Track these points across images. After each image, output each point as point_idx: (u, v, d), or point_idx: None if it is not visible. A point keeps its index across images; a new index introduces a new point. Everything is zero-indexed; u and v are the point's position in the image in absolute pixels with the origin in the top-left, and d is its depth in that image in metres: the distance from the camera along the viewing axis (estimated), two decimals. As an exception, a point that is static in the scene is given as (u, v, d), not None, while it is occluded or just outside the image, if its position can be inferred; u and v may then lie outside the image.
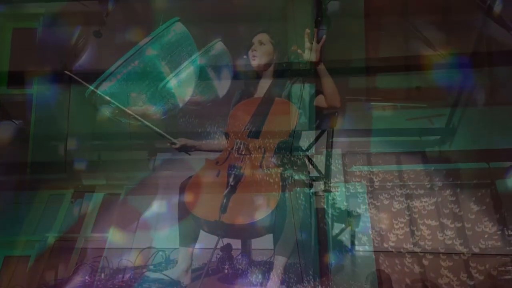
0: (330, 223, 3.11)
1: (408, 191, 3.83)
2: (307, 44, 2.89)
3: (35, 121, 4.31)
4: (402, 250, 3.52)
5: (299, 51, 2.94)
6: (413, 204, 3.77)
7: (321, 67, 2.89)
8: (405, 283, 3.20)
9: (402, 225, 3.68)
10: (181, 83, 3.14)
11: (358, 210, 3.74)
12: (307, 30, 2.91)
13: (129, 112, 3.01)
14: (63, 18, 4.17)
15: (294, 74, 3.11)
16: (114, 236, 3.88)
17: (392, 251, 3.52)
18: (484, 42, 3.94)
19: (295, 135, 2.95)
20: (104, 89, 2.99)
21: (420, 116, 4.23)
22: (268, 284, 2.71)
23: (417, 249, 3.52)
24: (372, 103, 4.24)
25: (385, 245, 3.64)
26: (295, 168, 2.88)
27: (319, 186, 3.07)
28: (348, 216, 3.59)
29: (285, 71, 3.15)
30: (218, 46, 3.31)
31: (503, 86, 4.00)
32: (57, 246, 3.85)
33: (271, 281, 2.69)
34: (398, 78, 4.24)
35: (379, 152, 4.17)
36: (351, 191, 3.87)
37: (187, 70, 3.15)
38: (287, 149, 2.90)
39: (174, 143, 3.09)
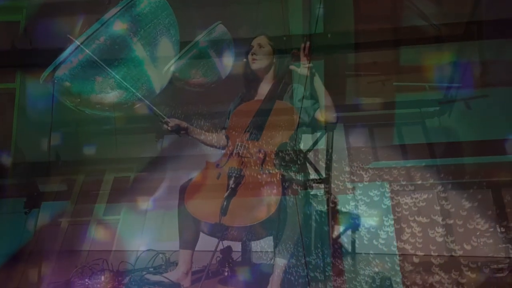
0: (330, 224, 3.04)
1: (398, 187, 3.76)
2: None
3: (18, 116, 4.12)
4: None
5: (291, 67, 2.94)
6: (403, 200, 3.69)
7: (317, 80, 2.88)
8: (395, 281, 3.13)
9: (392, 222, 3.62)
10: (159, 64, 2.80)
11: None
12: (303, 45, 2.89)
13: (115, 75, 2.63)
14: (50, 9, 3.98)
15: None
16: (126, 218, 3.85)
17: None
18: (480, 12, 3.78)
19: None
20: (63, 72, 2.54)
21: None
22: (268, 286, 2.65)
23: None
24: (395, 83, 4.06)
25: (375, 243, 3.60)
26: (295, 170, 2.83)
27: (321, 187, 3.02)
28: (337, 214, 3.54)
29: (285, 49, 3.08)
30: (219, 28, 3.22)
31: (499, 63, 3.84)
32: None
33: (271, 283, 2.64)
34: (424, 51, 3.99)
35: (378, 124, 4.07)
36: (374, 191, 3.79)
37: (166, 49, 2.80)
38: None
39: (167, 122, 2.94)
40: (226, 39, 3.23)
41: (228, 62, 3.26)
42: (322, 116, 2.89)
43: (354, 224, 3.63)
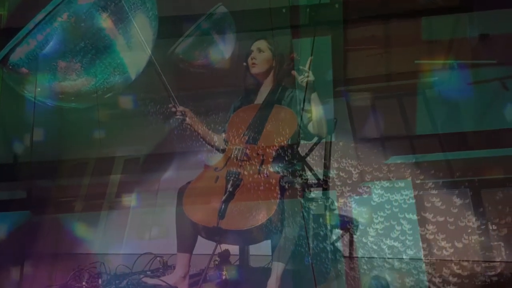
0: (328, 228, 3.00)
1: (388, 184, 3.69)
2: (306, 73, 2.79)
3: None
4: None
5: (293, 72, 2.86)
6: (393, 197, 3.63)
7: (314, 95, 2.82)
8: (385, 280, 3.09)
9: (382, 219, 3.56)
10: (134, 44, 2.42)
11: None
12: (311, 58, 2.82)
13: None
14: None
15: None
16: (137, 199, 3.85)
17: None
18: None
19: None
20: (19, 57, 2.13)
21: (489, 78, 3.65)
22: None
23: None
24: (417, 62, 3.82)
25: (364, 240, 3.54)
26: (293, 174, 2.79)
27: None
28: (326, 211, 3.47)
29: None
30: (220, 10, 3.19)
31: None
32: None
33: (269, 287, 2.58)
34: (447, 22, 3.76)
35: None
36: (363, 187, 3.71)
37: (141, 26, 2.39)
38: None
39: (176, 107, 2.88)
40: (227, 20, 3.21)
41: (230, 43, 3.23)
42: (314, 129, 2.86)
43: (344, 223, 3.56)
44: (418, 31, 3.85)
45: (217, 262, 2.99)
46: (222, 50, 3.22)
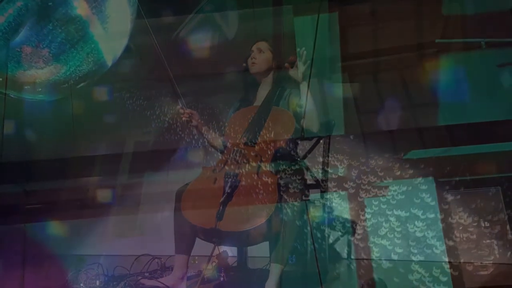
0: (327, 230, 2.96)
1: (375, 179, 3.63)
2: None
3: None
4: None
5: (286, 64, 2.91)
6: (381, 193, 3.58)
7: (303, 87, 2.83)
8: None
9: (370, 216, 3.51)
10: (110, 26, 2.07)
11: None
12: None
13: None
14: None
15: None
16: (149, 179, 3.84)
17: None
18: None
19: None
20: None
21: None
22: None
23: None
24: (437, 41, 3.55)
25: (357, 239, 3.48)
26: (291, 174, 2.73)
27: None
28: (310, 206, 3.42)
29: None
30: None
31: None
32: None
33: (267, 288, 2.59)
34: None
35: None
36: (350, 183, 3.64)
37: (118, 5, 2.05)
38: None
39: (184, 108, 2.89)
40: (229, 3, 3.21)
41: (233, 24, 3.20)
42: (307, 122, 2.84)
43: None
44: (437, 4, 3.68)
45: (215, 264, 2.94)
46: (225, 32, 3.22)
